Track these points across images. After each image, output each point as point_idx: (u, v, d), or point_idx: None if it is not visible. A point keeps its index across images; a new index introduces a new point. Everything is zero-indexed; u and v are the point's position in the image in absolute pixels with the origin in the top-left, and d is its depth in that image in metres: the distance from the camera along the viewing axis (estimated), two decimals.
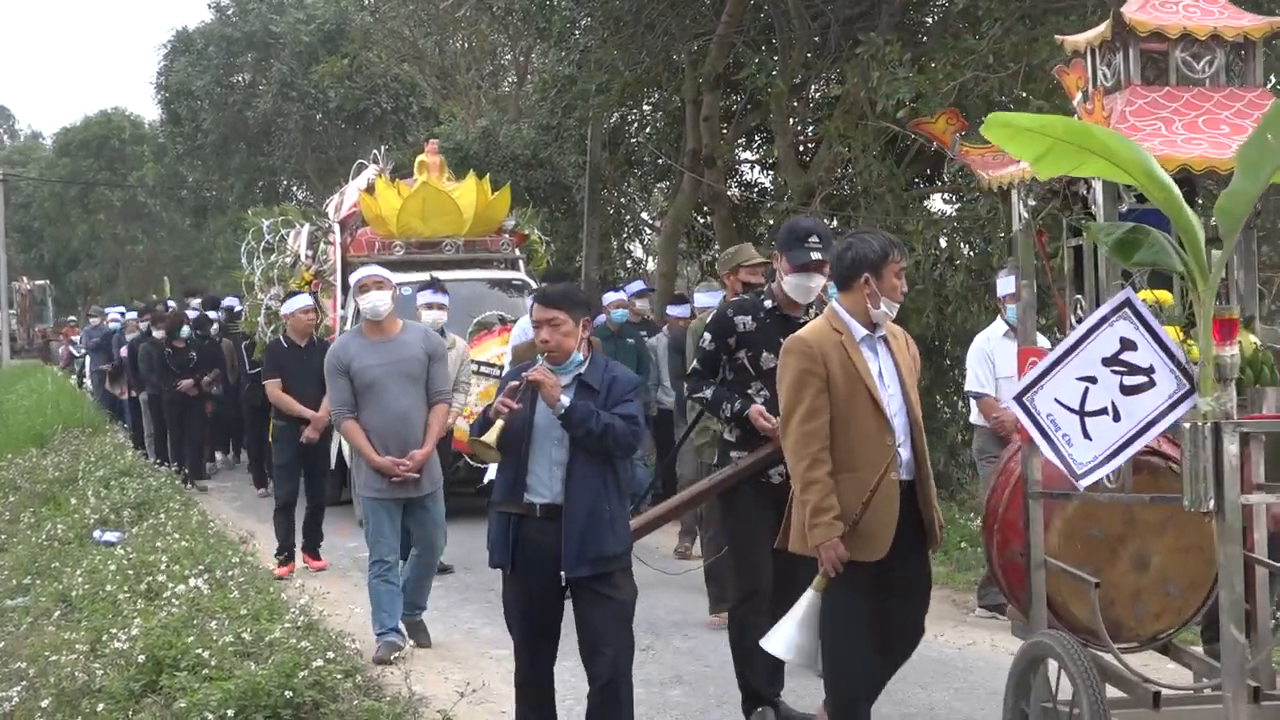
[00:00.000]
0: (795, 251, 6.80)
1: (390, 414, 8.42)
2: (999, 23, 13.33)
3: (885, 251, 5.84)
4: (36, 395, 24.02)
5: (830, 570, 5.67)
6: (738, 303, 7.12)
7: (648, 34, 18.07)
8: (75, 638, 7.39)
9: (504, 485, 6.07)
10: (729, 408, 6.86)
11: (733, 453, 6.92)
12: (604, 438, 5.89)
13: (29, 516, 12.22)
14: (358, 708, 6.18)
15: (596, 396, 5.96)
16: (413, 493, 8.50)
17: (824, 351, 5.78)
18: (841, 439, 5.74)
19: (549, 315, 6.00)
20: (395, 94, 35.91)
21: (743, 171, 22.78)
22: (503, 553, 6.02)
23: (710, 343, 6.98)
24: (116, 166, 58.55)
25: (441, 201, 15.16)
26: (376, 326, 8.66)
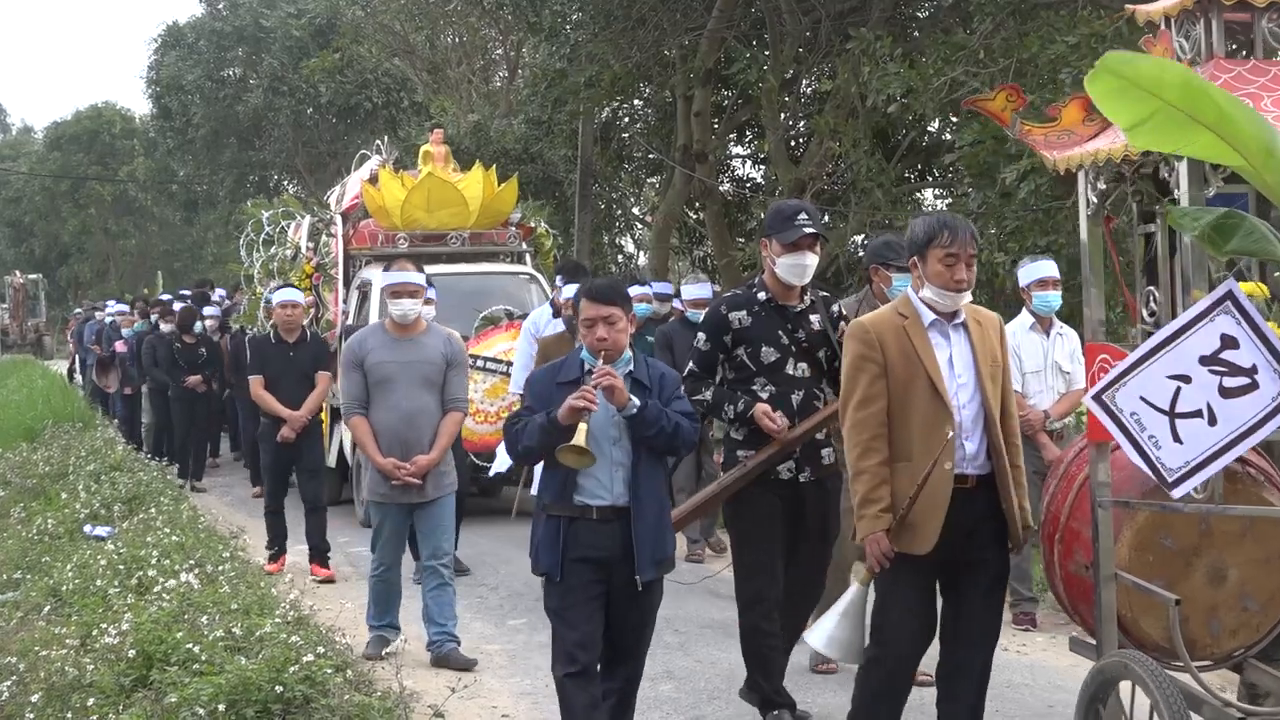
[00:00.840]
0: (785, 230, 6.59)
1: (398, 414, 8.17)
2: (990, 18, 13.36)
3: (931, 234, 5.55)
4: (27, 390, 23.97)
5: (875, 564, 5.47)
6: (730, 298, 6.85)
7: (639, 29, 18.10)
8: (65, 632, 7.36)
9: (553, 488, 5.79)
10: (731, 409, 6.63)
11: (740, 452, 6.69)
12: (674, 437, 5.71)
13: (19, 511, 12.16)
14: (348, 703, 6.16)
15: (649, 393, 5.75)
16: (416, 498, 8.23)
17: (881, 336, 5.55)
18: (899, 427, 5.52)
19: (605, 312, 5.71)
20: (386, 89, 35.90)
21: (734, 166, 22.86)
22: (552, 557, 5.75)
23: (705, 342, 6.73)
24: (107, 161, 58.50)
25: (447, 193, 14.64)
26: (401, 325, 8.38)
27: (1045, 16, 12.89)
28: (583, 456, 5.53)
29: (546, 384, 5.85)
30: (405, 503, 8.25)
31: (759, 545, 6.64)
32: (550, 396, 5.74)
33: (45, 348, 50.26)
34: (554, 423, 5.60)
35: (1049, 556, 5.99)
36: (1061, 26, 12.18)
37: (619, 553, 5.68)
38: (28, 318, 53.55)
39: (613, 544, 5.68)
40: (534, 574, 5.89)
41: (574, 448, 5.51)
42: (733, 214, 21.07)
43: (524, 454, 5.86)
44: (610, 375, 5.59)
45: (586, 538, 5.70)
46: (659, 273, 19.95)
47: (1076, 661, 7.69)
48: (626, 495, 5.70)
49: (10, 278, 54.12)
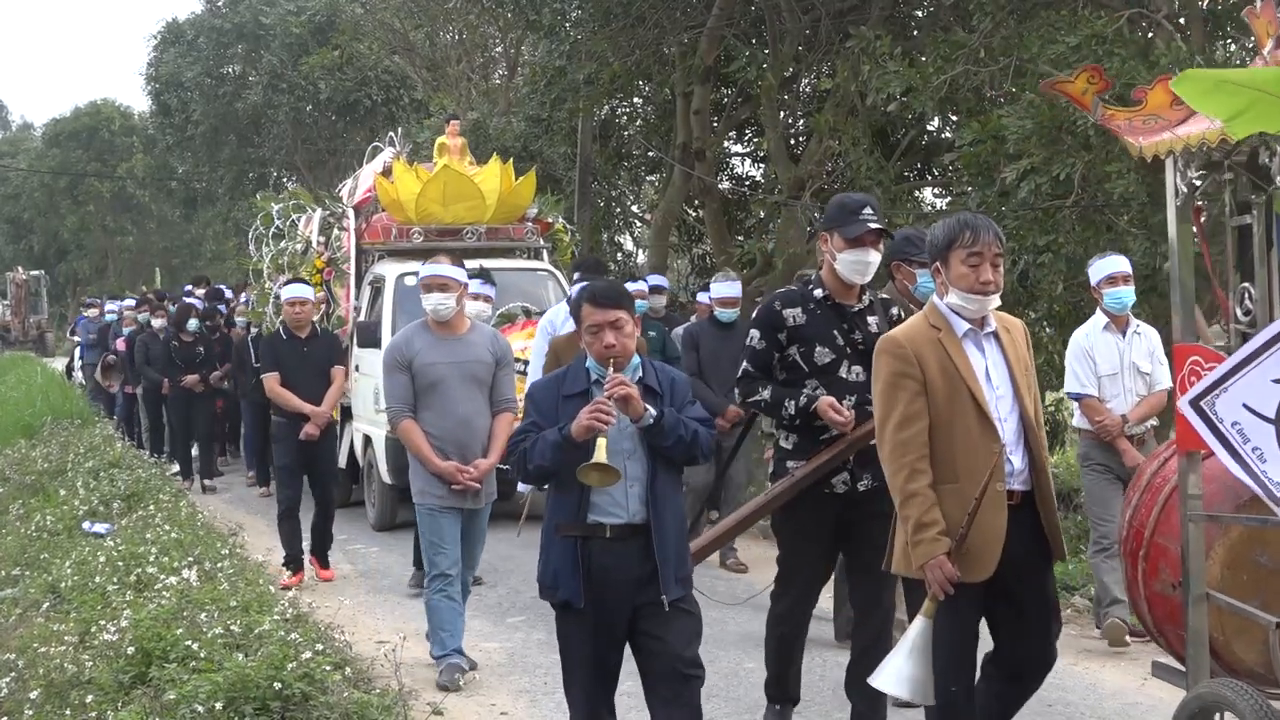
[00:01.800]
0: (849, 224, 6.15)
1: (453, 417, 7.80)
2: (989, 17, 13.34)
3: (951, 235, 5.22)
4: (25, 386, 23.96)
5: (939, 592, 5.07)
6: (784, 294, 6.41)
7: (638, 26, 18.09)
8: (64, 629, 7.37)
9: (566, 507, 5.36)
10: (792, 404, 6.19)
11: (789, 463, 6.29)
12: (693, 445, 5.34)
13: (18, 508, 12.17)
14: (347, 700, 6.16)
15: (661, 400, 5.38)
16: (471, 504, 7.89)
17: (918, 351, 5.18)
18: (943, 447, 5.14)
19: (611, 316, 5.32)
20: (386, 86, 35.94)
21: (733, 164, 22.84)
22: (573, 583, 5.31)
23: (759, 340, 6.32)
24: (106, 157, 58.52)
25: (463, 186, 14.12)
26: (444, 323, 7.96)
27: (1045, 16, 12.88)
28: (606, 474, 5.13)
29: (551, 397, 5.48)
30: (461, 508, 7.87)
31: (803, 562, 6.33)
32: (556, 410, 5.39)
33: (47, 345, 50.09)
34: (569, 440, 5.22)
35: (1131, 574, 5.70)
36: (1062, 26, 12.17)
37: (638, 573, 5.31)
38: (29, 314, 53.18)
39: (631, 565, 5.31)
40: (545, 600, 5.46)
41: (597, 465, 5.10)
42: (732, 212, 21.06)
43: (536, 474, 5.45)
44: (624, 385, 5.23)
45: (602, 559, 5.30)
46: (658, 270, 19.95)
47: (1141, 681, 7.52)
48: (644, 512, 5.32)
49: (12, 274, 53.93)
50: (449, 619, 7.83)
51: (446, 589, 7.82)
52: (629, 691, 7.45)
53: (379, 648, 7.49)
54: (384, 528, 12.94)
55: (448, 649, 7.80)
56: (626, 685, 7.57)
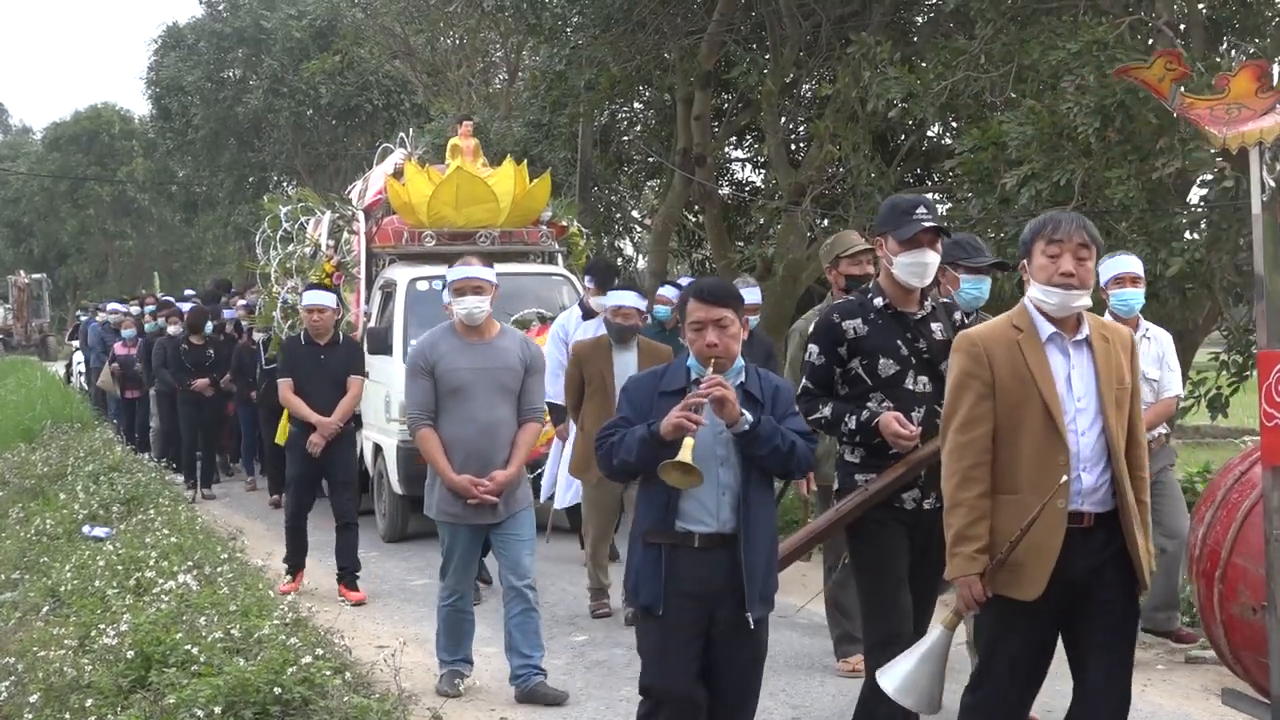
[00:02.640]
0: (902, 225, 5.84)
1: (476, 426, 7.37)
2: (990, 23, 13.34)
3: (1035, 228, 4.96)
4: (25, 390, 23.97)
5: (964, 609, 4.89)
6: (843, 306, 6.04)
7: (639, 31, 18.10)
8: (64, 633, 7.37)
9: (653, 513, 5.17)
10: (853, 419, 5.82)
11: (858, 475, 5.89)
12: (789, 457, 5.11)
13: (17, 512, 12.17)
14: (347, 704, 6.17)
15: (760, 408, 5.15)
16: (490, 519, 7.42)
17: (991, 351, 4.90)
18: (1006, 455, 4.85)
19: (716, 314, 5.11)
20: (386, 90, 35.98)
21: (733, 170, 22.85)
22: (653, 589, 5.13)
23: (819, 355, 5.94)
24: (106, 162, 58.54)
25: (476, 189, 13.58)
26: (473, 327, 7.52)
27: (1046, 22, 12.88)
28: (689, 475, 4.93)
29: (646, 392, 5.28)
30: (479, 524, 7.47)
31: (888, 580, 5.88)
32: (650, 406, 5.18)
33: (50, 349, 49.95)
34: (656, 436, 5.03)
35: (1206, 597, 5.43)
36: (1063, 32, 12.17)
37: (724, 586, 5.09)
38: (32, 318, 53.00)
39: (717, 576, 5.10)
40: (630, 607, 5.40)
41: (679, 464, 4.91)
42: (732, 217, 21.06)
43: (620, 469, 5.25)
44: (721, 386, 5.01)
45: (688, 569, 5.10)
46: (658, 275, 19.95)
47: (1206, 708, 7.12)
48: (733, 521, 5.11)
49: (14, 278, 53.81)
50: (455, 628, 7.58)
51: (457, 603, 7.55)
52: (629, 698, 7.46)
53: (379, 652, 7.49)
54: (394, 539, 12.59)
55: (454, 656, 7.60)
56: (626, 690, 7.61)
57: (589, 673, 8.03)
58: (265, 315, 15.05)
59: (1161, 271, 10.46)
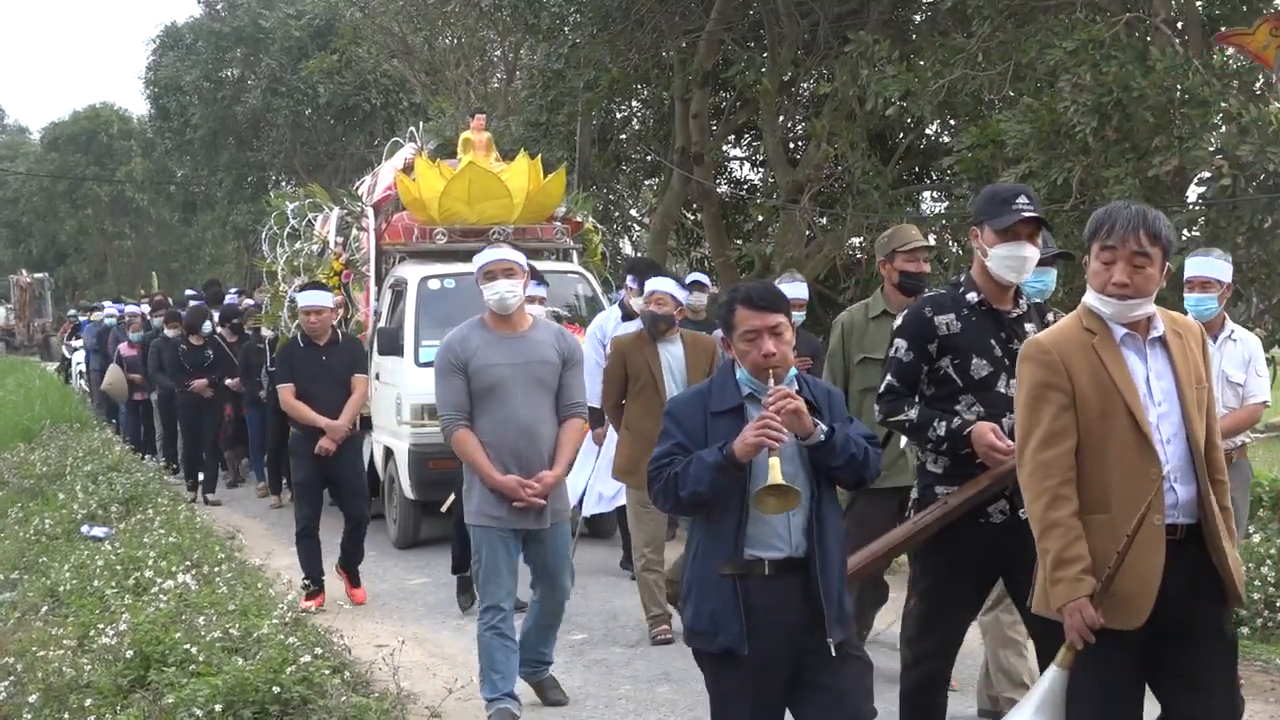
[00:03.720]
0: (1000, 215, 5.43)
1: (514, 425, 6.90)
2: (988, 21, 13.36)
3: (1093, 226, 4.58)
4: (25, 390, 23.97)
5: (1078, 640, 4.42)
6: (935, 299, 5.61)
7: (637, 30, 18.12)
8: (63, 633, 7.38)
9: (719, 542, 4.68)
10: (942, 425, 5.40)
11: (939, 487, 5.49)
12: (864, 466, 4.74)
13: (16, 511, 12.19)
14: (346, 704, 6.17)
15: (820, 416, 4.75)
16: (533, 524, 6.95)
17: (1067, 358, 4.51)
18: (1093, 471, 4.47)
19: (771, 321, 4.70)
20: (385, 89, 35.98)
21: (732, 168, 22.84)
22: (734, 628, 4.62)
23: (906, 351, 5.53)
24: (105, 161, 58.46)
25: (489, 184, 13.06)
26: (504, 319, 7.04)
27: (1043, 20, 12.90)
28: (786, 497, 4.51)
29: (697, 414, 4.80)
30: (521, 528, 6.97)
31: (950, 601, 5.51)
32: (705, 430, 4.74)
33: (52, 349, 49.61)
34: (731, 460, 4.57)
35: None
36: (1060, 31, 12.19)
37: (799, 615, 4.66)
38: (34, 318, 52.55)
39: (789, 605, 4.66)
40: (698, 647, 4.80)
41: (775, 489, 4.47)
42: (730, 216, 21.07)
43: (690, 502, 4.69)
44: (792, 397, 4.59)
45: (762, 599, 4.64)
46: None
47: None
48: (805, 543, 4.68)
49: (16, 277, 53.59)
50: (500, 658, 6.94)
51: (499, 624, 6.93)
52: (627, 696, 7.47)
53: (377, 651, 7.48)
54: (407, 545, 12.13)
55: (499, 692, 6.94)
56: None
57: (588, 671, 8.05)
58: (272, 314, 14.70)
59: None
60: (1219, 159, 10.91)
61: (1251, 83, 11.97)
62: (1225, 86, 11.35)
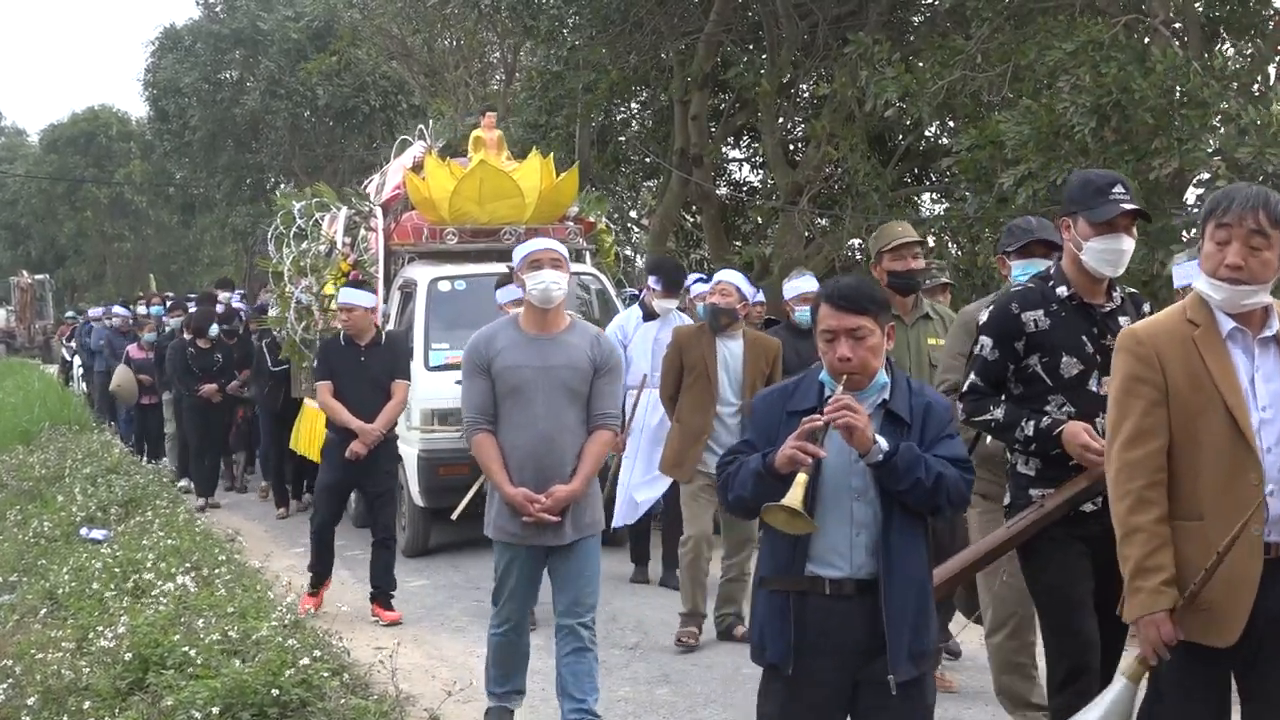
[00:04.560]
0: (1098, 205, 5.10)
1: (535, 433, 6.44)
2: (987, 22, 13.37)
3: (1210, 206, 4.24)
4: (23, 392, 23.95)
5: (1151, 655, 4.15)
6: (1020, 294, 5.30)
7: (636, 32, 18.13)
8: (62, 635, 7.37)
9: (778, 554, 4.42)
10: (1030, 425, 5.12)
11: (1033, 490, 5.19)
12: (935, 493, 4.30)
13: (15, 514, 12.17)
14: (345, 706, 6.16)
15: (908, 431, 4.37)
16: (552, 540, 6.48)
17: (1162, 351, 4.20)
18: (1185, 474, 4.16)
19: (851, 323, 4.34)
20: (384, 91, 35.96)
21: (731, 170, 22.88)
22: (781, 645, 4.38)
23: (992, 349, 5.24)
24: (104, 163, 58.46)
25: (501, 183, 12.70)
26: (539, 317, 6.58)
27: (1042, 22, 12.90)
28: (795, 521, 4.19)
29: (774, 411, 4.52)
30: (539, 545, 6.53)
31: (1074, 607, 5.12)
32: (778, 430, 4.41)
33: (54, 351, 49.46)
34: (770, 470, 4.29)
35: None
36: (1059, 32, 12.19)
37: (863, 642, 4.33)
38: (35, 320, 52.26)
39: (851, 630, 4.34)
40: (755, 662, 4.55)
41: (783, 508, 4.18)
42: (729, 217, 21.09)
43: (735, 505, 4.49)
44: (849, 410, 4.23)
45: (819, 619, 4.35)
46: None
47: None
48: (871, 565, 4.34)
49: (17, 279, 53.43)
50: (506, 655, 6.71)
51: (509, 633, 6.67)
52: (626, 698, 7.46)
53: (376, 654, 7.47)
54: (416, 553, 11.77)
55: (501, 687, 6.79)
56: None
57: None
58: (279, 315, 14.27)
59: (1158, 271, 10.48)
60: (1218, 160, 10.91)
61: (1250, 84, 11.98)
62: (1224, 88, 11.36)
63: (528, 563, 6.58)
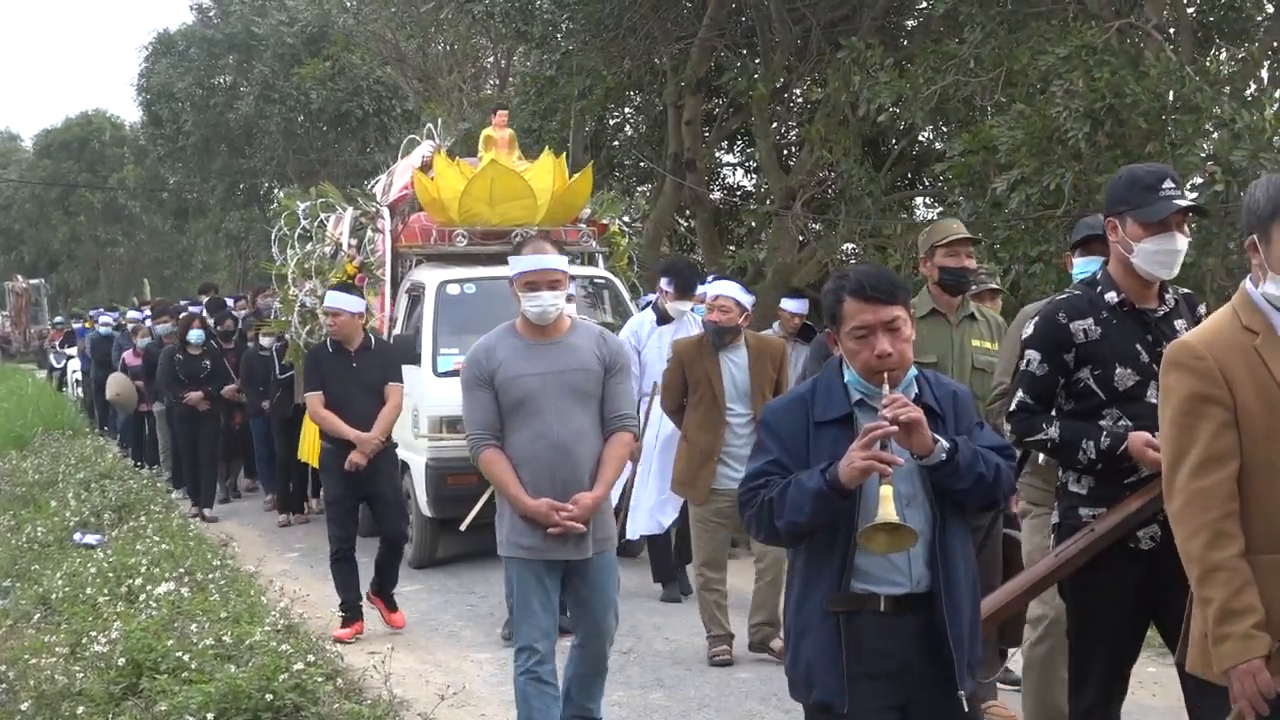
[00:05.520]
0: (1149, 204, 4.73)
1: (548, 442, 6.00)
2: (980, 27, 13.38)
3: (1277, 200, 3.81)
4: (17, 398, 23.96)
5: (1248, 710, 3.65)
6: (1068, 303, 4.89)
7: (629, 37, 18.12)
8: (55, 640, 7.37)
9: (823, 574, 3.98)
10: (1091, 446, 4.71)
11: (1083, 510, 4.78)
12: (995, 486, 4.00)
13: (9, 519, 12.19)
14: (338, 711, 6.17)
15: (942, 423, 4.04)
16: (574, 553, 6.04)
17: (1225, 364, 3.74)
18: (1261, 501, 3.71)
19: (886, 315, 3.97)
20: (377, 96, 35.95)
21: (724, 175, 22.88)
22: (831, 678, 3.94)
23: (1040, 364, 4.85)
24: (97, 168, 58.43)
25: (512, 183, 12.22)
26: (539, 326, 6.17)
27: (1036, 27, 12.92)
28: (899, 536, 3.80)
29: (797, 425, 4.08)
30: (560, 559, 6.06)
31: (1109, 640, 4.77)
32: (806, 444, 4.02)
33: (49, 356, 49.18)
34: (835, 486, 3.84)
35: None
36: (1052, 37, 12.20)
37: (919, 660, 3.96)
38: (30, 325, 51.80)
39: (908, 648, 3.95)
40: (796, 700, 4.13)
41: (886, 527, 3.76)
42: (723, 222, 21.08)
43: (788, 532, 3.98)
44: (908, 407, 3.87)
45: (874, 641, 3.93)
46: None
47: None
48: (929, 576, 3.97)
49: (11, 283, 53.20)
50: (537, 706, 5.98)
51: (536, 668, 5.97)
52: (620, 702, 7.46)
53: (370, 658, 7.48)
54: (423, 565, 11.37)
55: None
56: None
57: None
58: (281, 320, 13.78)
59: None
60: (1211, 165, 10.92)
61: (1243, 89, 11.99)
62: (1218, 92, 11.37)
63: (549, 579, 6.08)
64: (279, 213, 14.48)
